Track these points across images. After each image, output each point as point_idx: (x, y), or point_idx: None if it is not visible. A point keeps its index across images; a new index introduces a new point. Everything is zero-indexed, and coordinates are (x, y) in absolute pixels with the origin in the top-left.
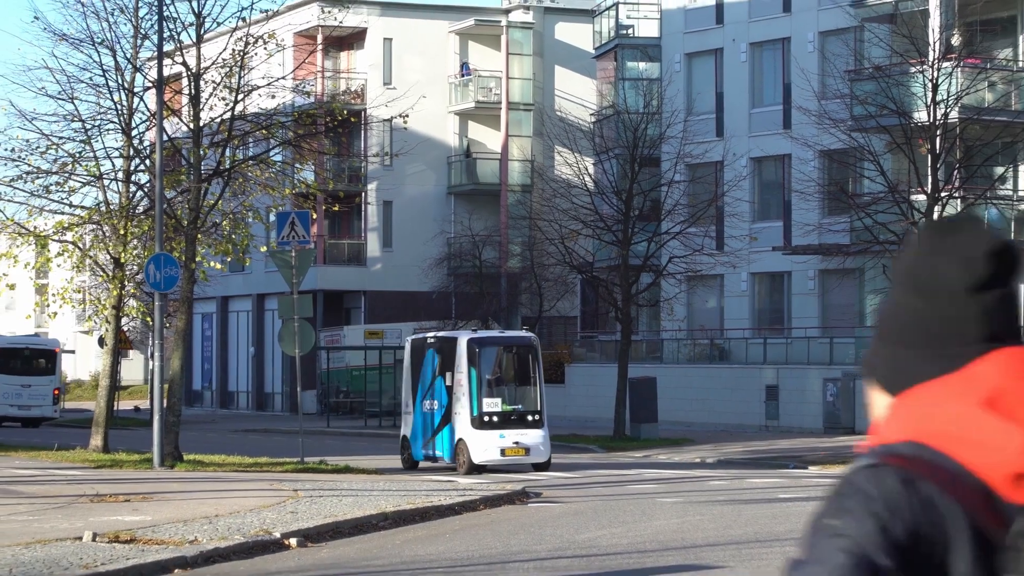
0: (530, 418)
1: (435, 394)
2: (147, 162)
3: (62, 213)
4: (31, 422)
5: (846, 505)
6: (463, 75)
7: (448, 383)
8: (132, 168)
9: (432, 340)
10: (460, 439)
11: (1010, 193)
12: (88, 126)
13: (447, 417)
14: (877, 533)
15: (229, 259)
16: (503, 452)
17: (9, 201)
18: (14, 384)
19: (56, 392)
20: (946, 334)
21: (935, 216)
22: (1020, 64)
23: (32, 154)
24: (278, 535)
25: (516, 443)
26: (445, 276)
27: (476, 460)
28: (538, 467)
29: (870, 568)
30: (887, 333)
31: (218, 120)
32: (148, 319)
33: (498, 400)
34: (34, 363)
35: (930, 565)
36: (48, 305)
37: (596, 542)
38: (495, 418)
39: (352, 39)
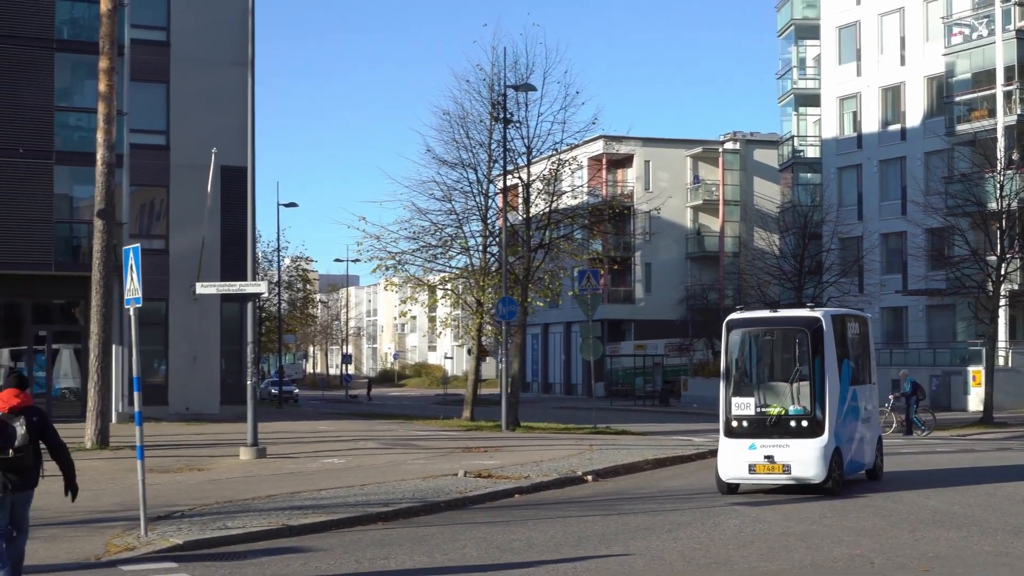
0: (793, 424)
1: None
2: (497, 239)
3: (444, 271)
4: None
5: None
6: (695, 183)
7: None
8: (487, 243)
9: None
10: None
11: None
12: (460, 218)
13: None
14: None
15: (548, 300)
16: (752, 468)
17: (412, 264)
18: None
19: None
20: None
21: (1002, 271)
22: None
23: (426, 235)
24: (580, 473)
25: (768, 457)
26: (685, 310)
27: (723, 476)
28: (806, 490)
29: None
30: None
31: (541, 213)
32: (498, 337)
33: (750, 400)
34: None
35: None
36: (436, 329)
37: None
38: (744, 423)
39: (624, 161)
